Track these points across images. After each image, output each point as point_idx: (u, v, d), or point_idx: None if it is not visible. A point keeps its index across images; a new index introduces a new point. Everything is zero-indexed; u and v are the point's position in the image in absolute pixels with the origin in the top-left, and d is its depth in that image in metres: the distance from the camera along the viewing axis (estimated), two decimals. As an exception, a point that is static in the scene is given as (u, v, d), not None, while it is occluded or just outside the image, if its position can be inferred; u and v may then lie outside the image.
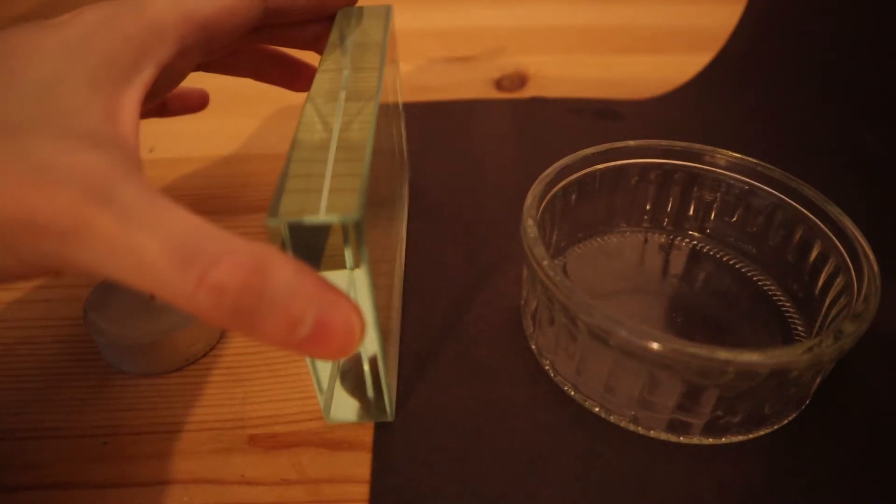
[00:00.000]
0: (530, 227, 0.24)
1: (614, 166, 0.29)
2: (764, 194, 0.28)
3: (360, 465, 0.23)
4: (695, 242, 0.31)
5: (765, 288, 0.28)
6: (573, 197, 0.29)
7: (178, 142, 0.40)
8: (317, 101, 0.23)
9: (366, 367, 0.22)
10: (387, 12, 0.30)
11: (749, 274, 0.29)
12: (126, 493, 0.22)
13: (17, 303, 0.29)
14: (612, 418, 0.24)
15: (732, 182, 0.29)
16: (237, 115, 0.43)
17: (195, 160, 0.39)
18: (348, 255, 0.19)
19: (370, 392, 0.23)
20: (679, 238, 0.31)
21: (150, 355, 0.25)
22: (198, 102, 0.32)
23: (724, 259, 0.30)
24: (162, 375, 0.26)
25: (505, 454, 0.23)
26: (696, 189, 0.30)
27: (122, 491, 0.22)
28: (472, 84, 0.46)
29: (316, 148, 0.21)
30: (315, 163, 0.20)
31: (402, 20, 0.54)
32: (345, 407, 0.24)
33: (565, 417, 0.24)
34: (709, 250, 0.30)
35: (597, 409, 0.24)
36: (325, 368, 0.22)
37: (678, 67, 0.46)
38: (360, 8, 0.31)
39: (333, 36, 0.28)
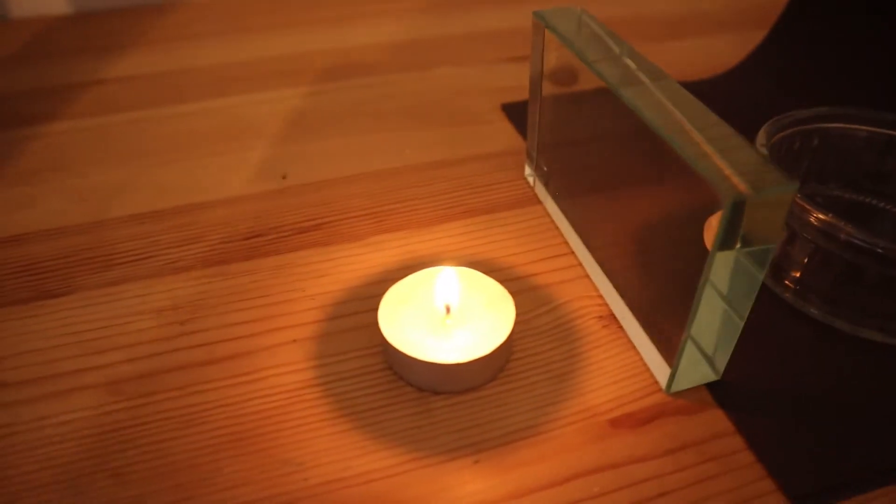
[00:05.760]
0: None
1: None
2: None
3: (717, 421, 0.24)
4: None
5: None
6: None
7: (310, 166, 0.39)
8: (622, 90, 0.25)
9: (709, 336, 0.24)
10: (579, 15, 0.31)
11: None
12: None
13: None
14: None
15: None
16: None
17: (325, 183, 0.38)
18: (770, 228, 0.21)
19: (704, 357, 0.24)
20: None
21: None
22: None
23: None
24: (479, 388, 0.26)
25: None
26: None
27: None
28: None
29: (684, 132, 0.22)
30: (698, 145, 0.21)
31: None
32: (685, 375, 0.25)
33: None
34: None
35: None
36: (693, 350, 0.24)
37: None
38: (555, 9, 0.31)
39: (561, 33, 0.29)
